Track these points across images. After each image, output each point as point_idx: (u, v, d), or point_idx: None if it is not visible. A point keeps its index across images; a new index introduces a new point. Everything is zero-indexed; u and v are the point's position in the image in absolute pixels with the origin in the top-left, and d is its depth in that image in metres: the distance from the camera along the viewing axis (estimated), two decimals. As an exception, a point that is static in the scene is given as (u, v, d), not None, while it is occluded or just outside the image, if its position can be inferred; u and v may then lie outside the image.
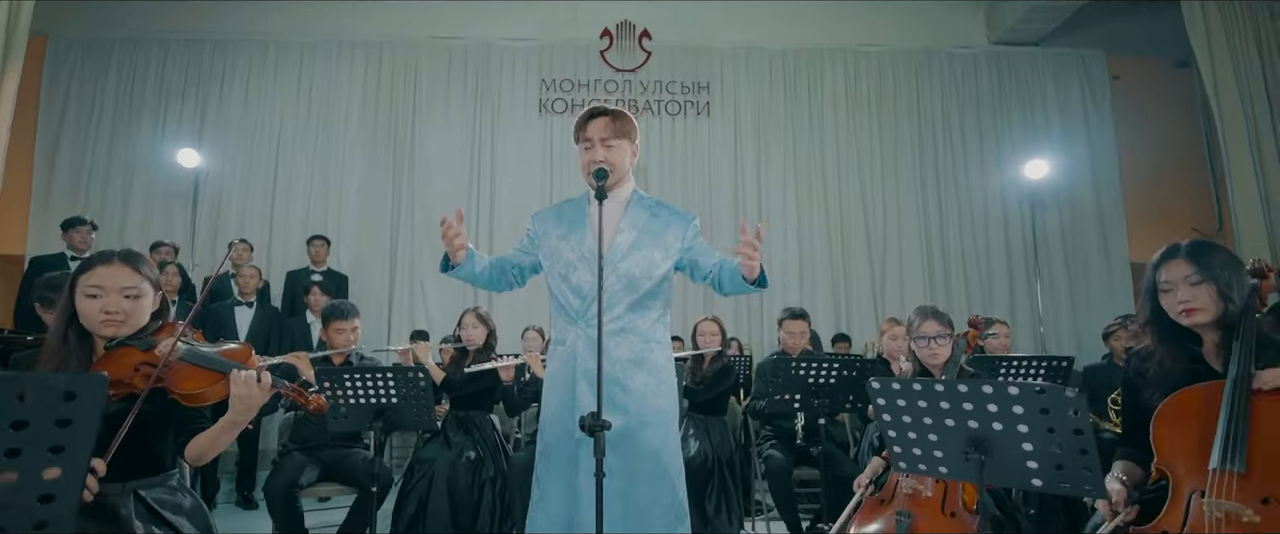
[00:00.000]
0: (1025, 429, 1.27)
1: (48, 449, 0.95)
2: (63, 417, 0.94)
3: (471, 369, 3.12)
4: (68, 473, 0.97)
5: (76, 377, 1.00)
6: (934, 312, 2.26)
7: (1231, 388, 1.46)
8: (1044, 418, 1.25)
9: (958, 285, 6.50)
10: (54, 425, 0.94)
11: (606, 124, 1.77)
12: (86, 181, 6.14)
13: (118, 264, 1.54)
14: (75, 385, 0.94)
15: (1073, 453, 1.25)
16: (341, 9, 6.55)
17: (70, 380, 0.94)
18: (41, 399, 0.92)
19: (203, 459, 1.57)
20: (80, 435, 0.96)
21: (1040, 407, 1.25)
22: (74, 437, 0.96)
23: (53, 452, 0.95)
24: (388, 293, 6.15)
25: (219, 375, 1.49)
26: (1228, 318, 1.55)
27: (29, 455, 0.93)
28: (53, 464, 0.96)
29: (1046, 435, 1.26)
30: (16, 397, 0.90)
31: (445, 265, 1.83)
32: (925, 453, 1.45)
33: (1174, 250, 1.63)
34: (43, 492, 0.96)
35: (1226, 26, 4.99)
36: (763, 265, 1.68)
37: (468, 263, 1.83)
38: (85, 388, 0.95)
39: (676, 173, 6.55)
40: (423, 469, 2.95)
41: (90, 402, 0.96)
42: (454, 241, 1.74)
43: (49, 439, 0.94)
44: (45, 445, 0.94)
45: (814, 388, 2.76)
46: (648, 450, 1.72)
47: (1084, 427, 1.22)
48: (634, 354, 1.76)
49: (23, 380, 0.91)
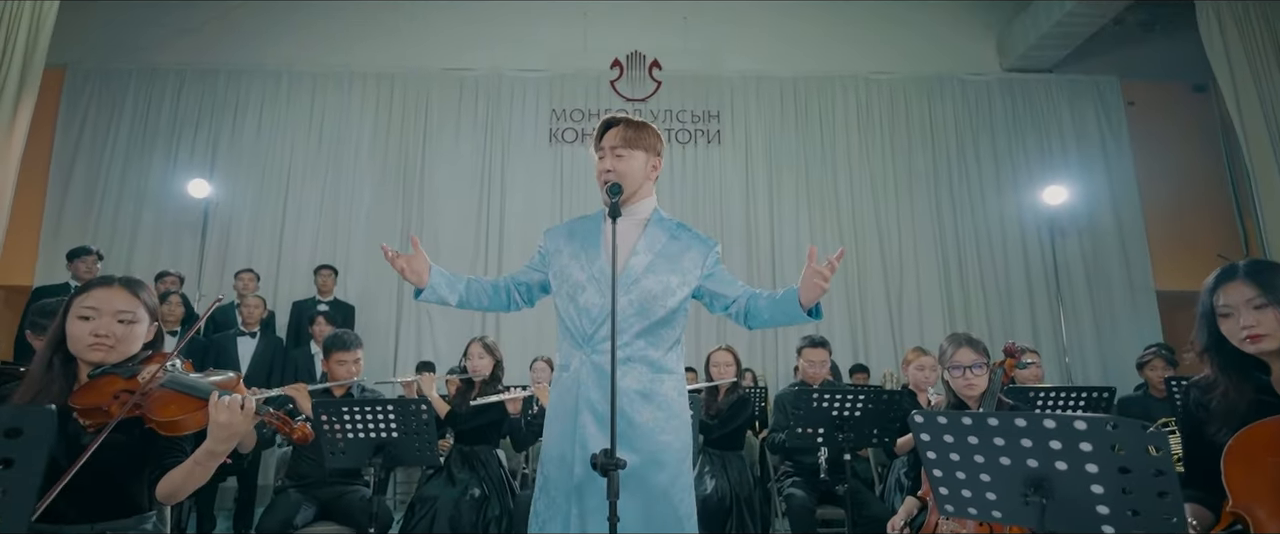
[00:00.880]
0: (1094, 469, 1.13)
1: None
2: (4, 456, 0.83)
3: (478, 402, 2.98)
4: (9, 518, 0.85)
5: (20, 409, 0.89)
6: (969, 339, 2.12)
7: (1311, 421, 1.31)
8: (1116, 457, 1.10)
9: (978, 314, 6.32)
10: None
11: (620, 133, 1.67)
12: (97, 211, 6.15)
13: (116, 287, 1.45)
14: (19, 420, 0.82)
15: (1150, 495, 1.10)
16: (354, 40, 6.62)
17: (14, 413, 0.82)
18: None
19: (175, 497, 1.44)
20: (23, 476, 0.84)
21: (1111, 443, 1.10)
22: (16, 478, 0.84)
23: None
24: (395, 324, 6.06)
25: (200, 402, 1.38)
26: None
27: (-37, 500, 0.82)
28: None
29: (1119, 475, 1.11)
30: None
31: (417, 292, 1.71)
32: (976, 495, 1.29)
33: (1232, 271, 1.50)
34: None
35: (1247, 49, 4.90)
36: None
37: (440, 286, 1.70)
38: (32, 422, 0.84)
39: (688, 201, 6.48)
40: (425, 508, 2.79)
41: (37, 438, 0.84)
42: (401, 268, 1.63)
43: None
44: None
45: (838, 421, 2.60)
46: (656, 491, 1.58)
47: (1166, 467, 1.07)
48: (642, 386, 1.62)
49: (-43, 414, 0.80)
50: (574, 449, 1.59)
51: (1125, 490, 1.12)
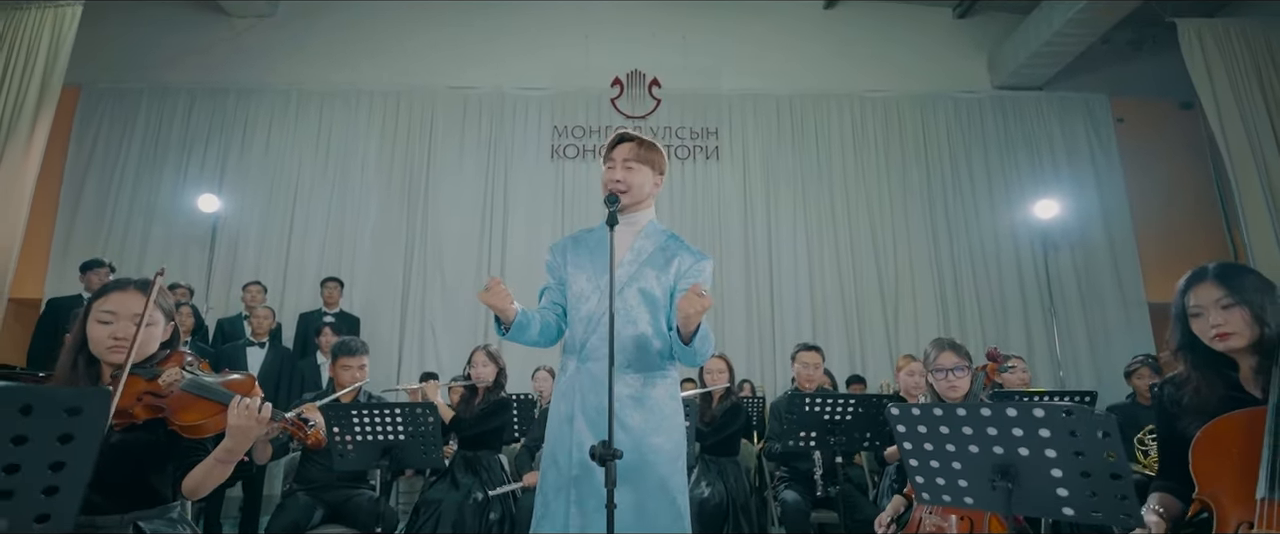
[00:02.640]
0: (1053, 454, 1.22)
1: (48, 466, 0.93)
2: (65, 432, 0.93)
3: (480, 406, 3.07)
4: (66, 491, 0.95)
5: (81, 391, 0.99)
6: (951, 343, 2.22)
7: (1274, 414, 1.39)
8: (1073, 441, 1.20)
9: (973, 326, 6.41)
10: (56, 441, 0.93)
11: (632, 148, 1.78)
12: (108, 226, 6.27)
13: (132, 291, 1.55)
14: (79, 400, 0.93)
15: (1105, 478, 1.19)
16: (360, 59, 6.79)
17: (75, 395, 0.93)
18: (45, 413, 0.91)
19: (198, 492, 1.53)
20: (81, 452, 0.94)
21: (1068, 429, 1.20)
22: (75, 453, 0.94)
23: (52, 468, 0.93)
24: (398, 336, 6.15)
25: (220, 406, 1.47)
26: (1265, 342, 1.49)
27: (28, 472, 0.91)
28: (51, 482, 0.94)
29: (1075, 460, 1.20)
30: (21, 411, 0.89)
31: (500, 329, 1.75)
32: (949, 483, 1.39)
33: (1202, 273, 1.58)
34: (40, 511, 0.94)
35: (1228, 68, 5.05)
36: (697, 331, 1.58)
37: (524, 323, 1.73)
38: (90, 402, 0.94)
39: (687, 216, 6.59)
40: (429, 511, 2.87)
41: (94, 417, 0.94)
42: (493, 306, 1.67)
43: (50, 455, 0.92)
44: (45, 462, 0.92)
45: (829, 425, 2.68)
46: (653, 484, 1.64)
47: (1116, 449, 1.17)
48: (633, 391, 1.69)
49: (27, 393, 0.90)
50: (571, 451, 1.66)
51: (1083, 473, 1.21)
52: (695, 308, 1.51)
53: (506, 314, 1.67)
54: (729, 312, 6.37)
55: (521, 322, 1.70)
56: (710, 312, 1.54)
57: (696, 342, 1.60)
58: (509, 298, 1.66)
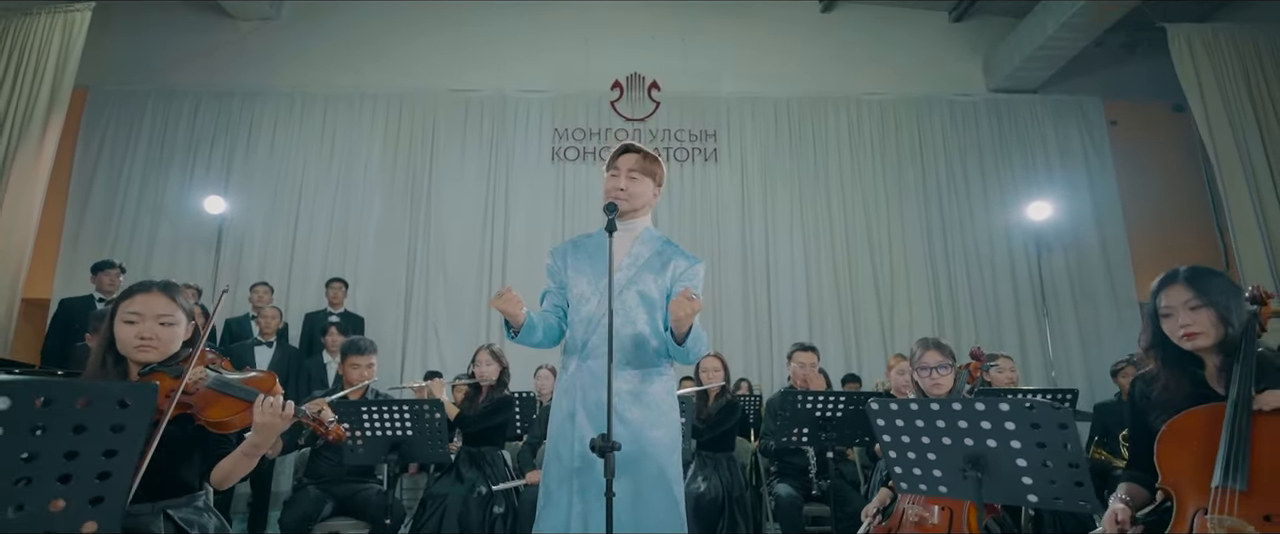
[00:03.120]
0: (1018, 445, 1.32)
1: (102, 453, 1.03)
2: (117, 422, 1.03)
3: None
4: (117, 476, 1.05)
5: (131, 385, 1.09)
6: (936, 343, 2.31)
7: (1232, 409, 1.48)
8: (1035, 433, 1.30)
9: (967, 326, 6.50)
10: (109, 430, 1.03)
11: (636, 159, 1.89)
12: (115, 227, 6.36)
13: (156, 293, 1.64)
14: (130, 393, 1.03)
15: (1064, 467, 1.29)
16: (364, 62, 6.88)
17: (126, 389, 1.03)
18: (101, 405, 1.01)
19: (226, 482, 1.64)
20: (131, 440, 1.04)
21: (1031, 422, 1.30)
22: (125, 441, 1.04)
23: (106, 456, 1.03)
24: (402, 335, 6.25)
25: (244, 404, 1.56)
26: (1229, 342, 1.57)
27: (85, 457, 1.01)
28: (105, 467, 1.04)
29: (1038, 451, 1.30)
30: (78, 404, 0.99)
31: (509, 333, 1.84)
32: (925, 473, 1.49)
33: (1173, 276, 1.67)
34: (95, 494, 1.04)
35: (1217, 73, 5.14)
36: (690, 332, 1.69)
37: (531, 327, 1.82)
38: (137, 396, 1.04)
39: (686, 218, 6.69)
40: (435, 504, 2.97)
41: (142, 409, 1.04)
42: (505, 311, 1.75)
43: (104, 443, 1.02)
44: (100, 448, 1.02)
45: (821, 421, 2.79)
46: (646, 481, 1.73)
47: (1073, 441, 1.27)
48: (631, 387, 1.78)
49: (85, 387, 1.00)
50: (573, 444, 1.76)
51: (1044, 463, 1.32)
52: (685, 311, 1.62)
53: (517, 319, 1.75)
54: (727, 311, 6.47)
55: (529, 325, 1.79)
56: (708, 310, 1.62)
57: (689, 342, 1.71)
58: (520, 304, 1.74)
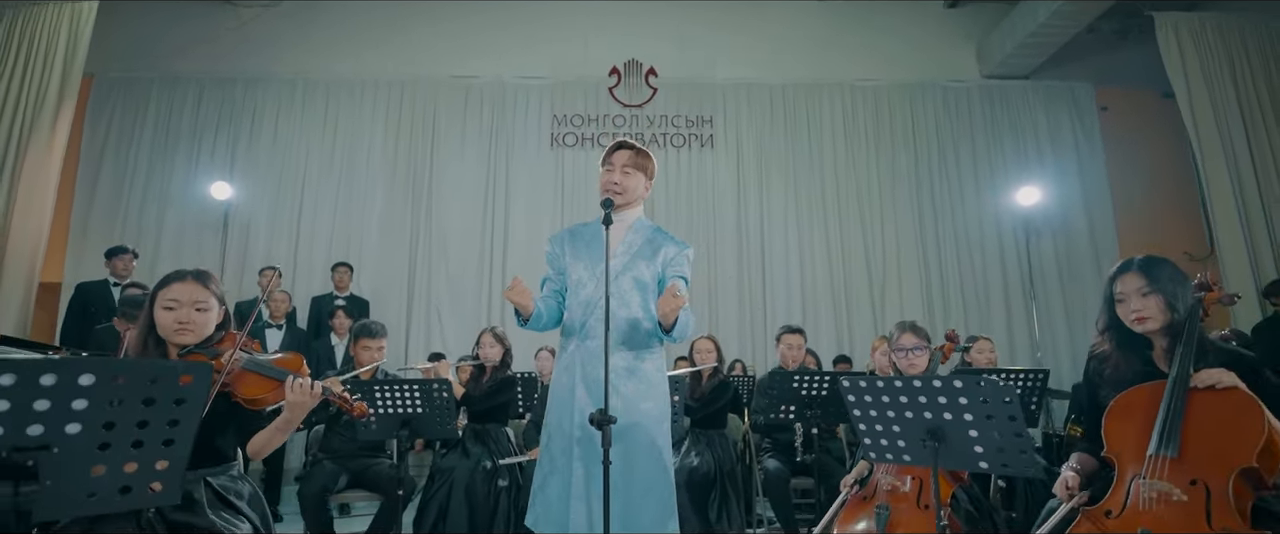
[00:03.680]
0: (970, 418, 1.49)
1: (167, 423, 1.19)
2: (180, 397, 1.19)
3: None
4: (179, 444, 1.22)
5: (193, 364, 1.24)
6: (912, 326, 2.47)
7: (1171, 386, 1.64)
8: (984, 407, 1.46)
9: (956, 309, 6.67)
10: (173, 403, 1.18)
11: (629, 156, 2.05)
12: (123, 213, 6.49)
13: (191, 281, 1.80)
14: (192, 371, 1.19)
15: (1011, 436, 1.46)
16: (364, 49, 6.96)
17: (188, 367, 1.18)
18: (167, 382, 1.17)
19: (261, 453, 1.81)
20: (191, 412, 1.21)
21: (980, 398, 1.46)
22: (187, 412, 1.20)
23: (170, 425, 1.19)
24: (406, 318, 6.41)
25: (276, 383, 1.72)
26: (1174, 326, 1.74)
27: (154, 427, 1.17)
28: (169, 436, 1.20)
29: (987, 422, 1.47)
30: (150, 380, 1.15)
31: (520, 321, 2.00)
32: (891, 443, 1.66)
33: (1128, 265, 1.83)
34: (160, 458, 1.20)
35: (1202, 61, 5.25)
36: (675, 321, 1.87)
37: (539, 314, 1.99)
38: (198, 374, 1.20)
39: (682, 203, 6.82)
40: (443, 478, 3.15)
41: (201, 385, 1.20)
42: (516, 302, 1.91)
43: (169, 414, 1.18)
44: (166, 419, 1.18)
45: (807, 399, 2.96)
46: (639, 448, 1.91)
47: (1017, 414, 1.43)
48: (626, 364, 1.95)
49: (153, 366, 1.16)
50: (572, 415, 1.94)
51: (993, 433, 1.48)
52: (670, 307, 1.80)
53: (527, 309, 1.92)
54: (722, 294, 6.64)
55: (537, 312, 1.97)
56: (703, 293, 1.75)
57: (676, 330, 1.88)
58: (530, 295, 1.91)
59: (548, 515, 1.88)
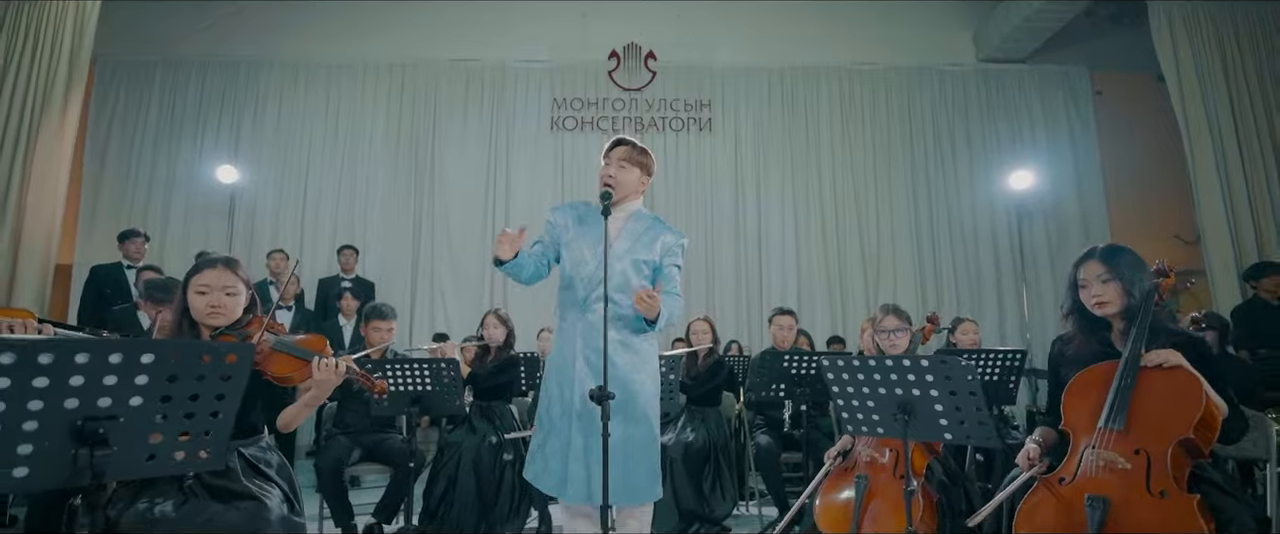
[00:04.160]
0: (935, 394, 1.64)
1: (215, 396, 1.34)
2: (225, 373, 1.33)
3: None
4: (224, 416, 1.36)
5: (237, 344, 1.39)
6: (895, 309, 2.61)
7: (1124, 365, 1.79)
8: (948, 384, 1.61)
9: (948, 291, 6.82)
10: (220, 379, 1.33)
11: (627, 152, 2.19)
12: (130, 196, 6.60)
13: (221, 268, 1.93)
14: (236, 350, 1.33)
15: (971, 410, 1.61)
16: (365, 33, 7.01)
17: (232, 347, 1.33)
18: (215, 359, 1.31)
19: (290, 426, 1.97)
20: (235, 388, 1.35)
21: (945, 374, 1.61)
22: (232, 388, 1.35)
23: (217, 399, 1.34)
24: (410, 300, 6.56)
25: (302, 362, 1.87)
26: (1130, 310, 1.88)
27: (204, 400, 1.32)
28: (216, 408, 1.35)
29: (950, 397, 1.62)
30: (199, 357, 1.29)
31: (497, 262, 2.14)
32: (866, 417, 1.81)
33: (1090, 253, 1.98)
34: (208, 427, 1.35)
35: (1194, 48, 5.32)
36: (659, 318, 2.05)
37: (520, 264, 2.13)
38: (241, 352, 1.34)
39: (680, 186, 6.93)
40: (451, 452, 3.32)
41: (244, 362, 1.35)
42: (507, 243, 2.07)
43: (217, 389, 1.33)
44: (214, 393, 1.33)
45: (797, 378, 3.12)
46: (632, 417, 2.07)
47: (976, 390, 1.58)
48: (623, 338, 2.12)
49: (203, 346, 1.30)
50: (574, 386, 2.09)
51: (956, 407, 1.63)
52: (644, 308, 1.98)
53: (504, 256, 2.07)
54: (720, 276, 6.79)
55: (520, 262, 2.11)
56: (702, 275, 1.86)
57: (660, 321, 2.07)
58: (518, 248, 2.07)
59: (547, 473, 2.05)
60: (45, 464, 1.15)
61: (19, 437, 1.12)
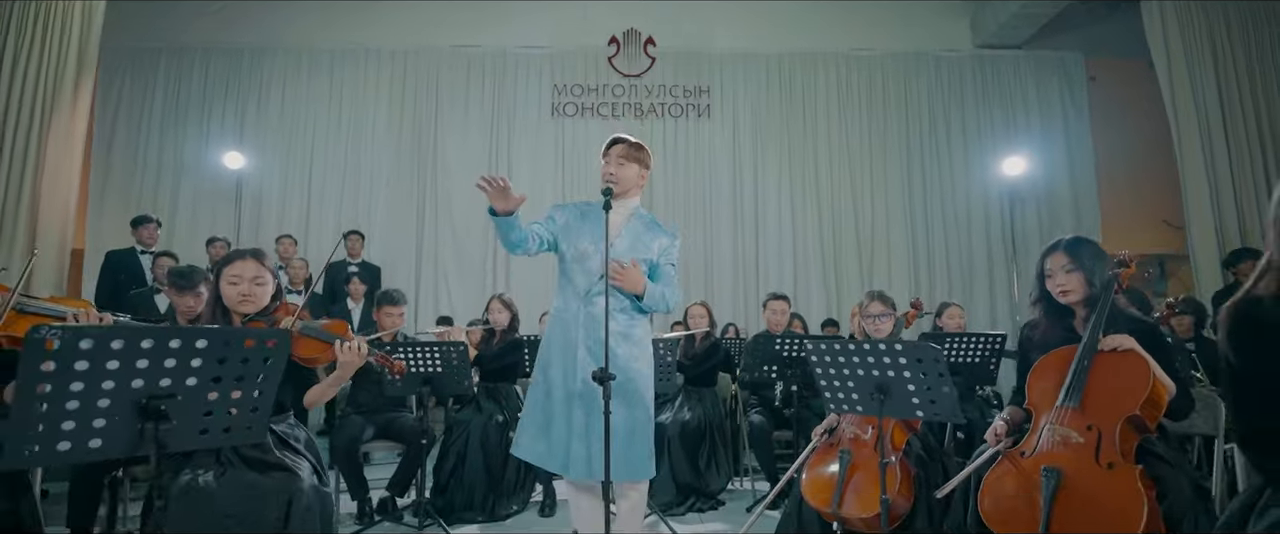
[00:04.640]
0: (908, 375, 1.79)
1: (257, 377, 1.49)
2: (266, 355, 1.49)
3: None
4: (265, 395, 1.52)
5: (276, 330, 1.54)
6: (880, 295, 2.77)
7: (1082, 348, 1.95)
8: (920, 366, 1.77)
9: (941, 275, 6.98)
10: (262, 362, 1.48)
11: (624, 149, 2.32)
12: (138, 182, 6.72)
13: (249, 260, 2.08)
14: (276, 337, 1.48)
15: (939, 390, 1.77)
16: (368, 20, 7.07)
17: (271, 333, 1.48)
18: (258, 345, 1.46)
19: (315, 403, 2.14)
20: (275, 368, 1.51)
21: (917, 357, 1.76)
22: (272, 369, 1.50)
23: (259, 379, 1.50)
24: (414, 282, 6.71)
25: (328, 345, 2.03)
26: (1092, 298, 2.04)
27: (247, 380, 1.48)
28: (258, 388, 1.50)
29: (922, 378, 1.77)
30: (242, 343, 1.44)
31: (492, 212, 2.18)
32: (846, 396, 1.97)
33: (1056, 245, 2.13)
34: (252, 407, 1.51)
35: (1183, 32, 5.40)
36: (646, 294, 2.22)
37: (512, 224, 2.19)
38: (279, 338, 1.50)
39: (679, 172, 7.05)
40: (459, 430, 3.50)
41: (282, 347, 1.50)
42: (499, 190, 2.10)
43: (259, 370, 1.48)
44: (257, 374, 1.48)
45: (788, 360, 3.28)
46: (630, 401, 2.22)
47: (944, 372, 1.74)
48: (622, 328, 2.26)
49: (249, 332, 1.45)
50: (576, 373, 2.24)
51: (927, 387, 1.79)
52: (626, 281, 2.15)
53: (501, 207, 2.11)
54: (717, 260, 6.93)
55: (515, 225, 2.17)
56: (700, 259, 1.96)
57: (646, 300, 2.23)
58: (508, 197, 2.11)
59: (551, 455, 2.22)
60: (115, 436, 1.31)
61: (94, 412, 1.27)
